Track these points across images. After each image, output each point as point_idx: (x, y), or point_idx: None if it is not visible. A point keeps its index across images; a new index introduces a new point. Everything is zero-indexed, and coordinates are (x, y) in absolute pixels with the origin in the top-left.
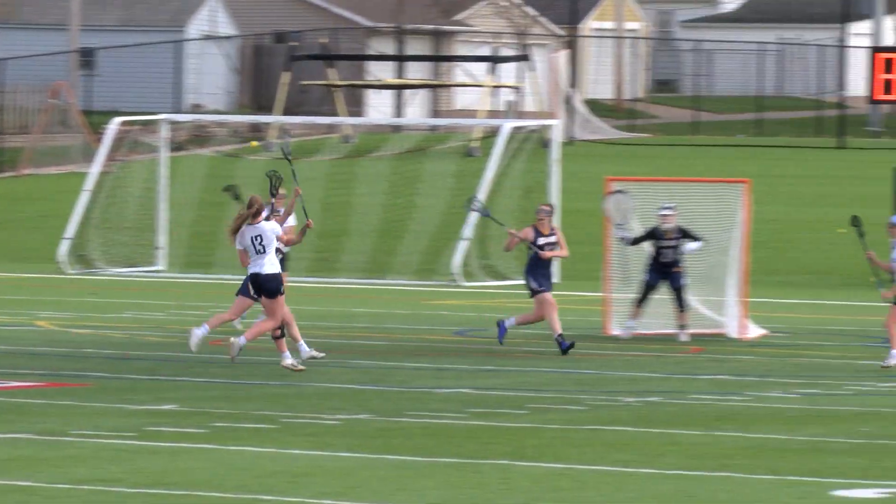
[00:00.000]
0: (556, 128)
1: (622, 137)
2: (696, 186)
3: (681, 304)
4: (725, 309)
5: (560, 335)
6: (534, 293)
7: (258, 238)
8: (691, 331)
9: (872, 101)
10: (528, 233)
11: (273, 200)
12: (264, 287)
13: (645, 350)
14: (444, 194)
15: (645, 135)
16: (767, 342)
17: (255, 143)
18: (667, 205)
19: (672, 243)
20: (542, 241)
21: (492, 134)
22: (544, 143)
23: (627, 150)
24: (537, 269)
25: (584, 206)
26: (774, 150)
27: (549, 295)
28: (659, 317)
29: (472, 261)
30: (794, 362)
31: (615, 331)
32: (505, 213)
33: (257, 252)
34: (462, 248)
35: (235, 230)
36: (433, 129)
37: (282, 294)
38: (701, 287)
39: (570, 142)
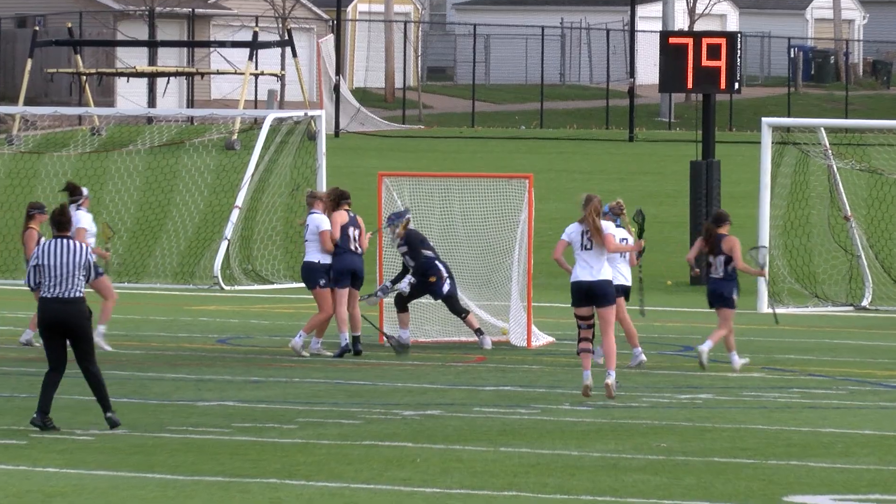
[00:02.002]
0: (323, 119)
1: (394, 129)
2: (473, 182)
3: (456, 312)
4: (509, 315)
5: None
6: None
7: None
8: (469, 338)
9: (663, 91)
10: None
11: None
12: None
13: (424, 359)
14: (203, 191)
15: (418, 126)
16: (555, 350)
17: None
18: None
19: (403, 249)
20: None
21: (253, 126)
22: (311, 136)
23: (400, 143)
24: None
25: (356, 204)
26: (559, 143)
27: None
28: (440, 322)
29: (233, 263)
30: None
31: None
32: (270, 212)
33: None
34: (223, 249)
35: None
36: (189, 120)
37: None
38: (481, 291)
39: (338, 134)
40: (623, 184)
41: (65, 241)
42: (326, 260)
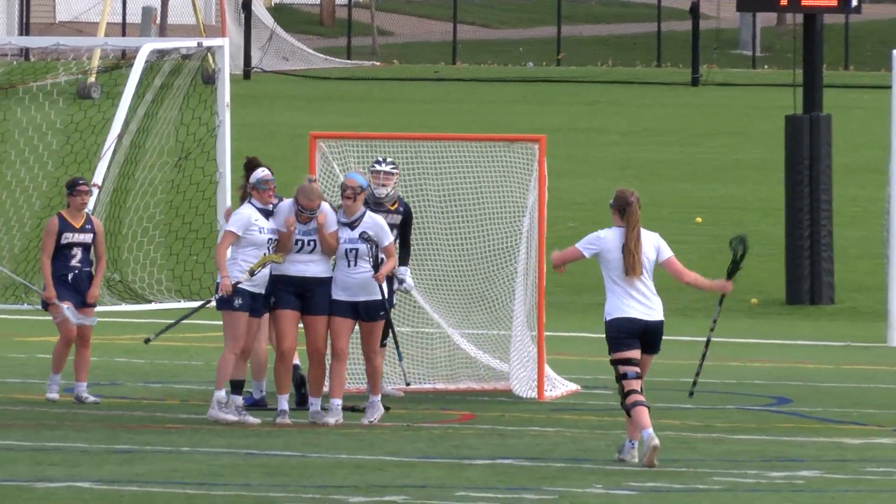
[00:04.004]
0: (226, 51)
1: (334, 67)
2: (455, 148)
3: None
4: (510, 350)
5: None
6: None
7: None
8: (443, 384)
9: (743, 9)
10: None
11: None
12: None
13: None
14: (44, 161)
15: (371, 63)
16: (580, 404)
17: None
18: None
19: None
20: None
21: (120, 62)
22: (207, 77)
23: (343, 89)
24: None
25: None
26: (585, 89)
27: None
28: (431, 363)
29: None
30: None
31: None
32: (147, 195)
33: None
34: None
35: None
36: (23, 54)
37: None
38: (468, 315)
39: (248, 74)
40: (682, 150)
41: None
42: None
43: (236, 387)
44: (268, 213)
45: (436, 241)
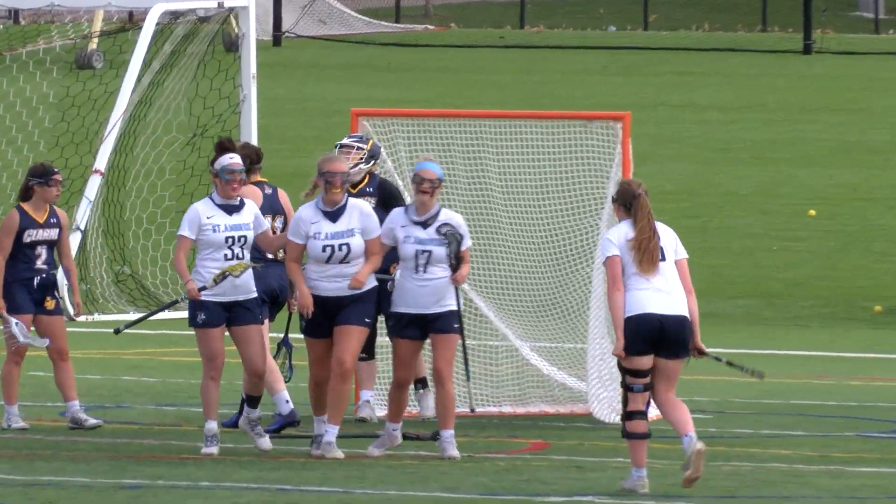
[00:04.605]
0: (251, 13)
1: (379, 32)
2: (523, 127)
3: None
4: (587, 366)
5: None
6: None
7: None
8: (510, 407)
9: None
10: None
11: None
12: None
13: (427, 447)
14: (35, 141)
15: (423, 27)
16: (673, 430)
17: None
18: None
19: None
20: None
21: (126, 26)
22: (229, 44)
23: (389, 57)
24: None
25: (304, 166)
26: (678, 58)
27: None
28: (500, 382)
29: (93, 271)
30: (731, 471)
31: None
32: (153, 173)
33: None
34: (72, 246)
35: None
36: (12, 16)
37: None
38: (538, 325)
39: (278, 41)
40: (792, 129)
41: None
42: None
43: (252, 402)
44: (231, 209)
45: (499, 237)
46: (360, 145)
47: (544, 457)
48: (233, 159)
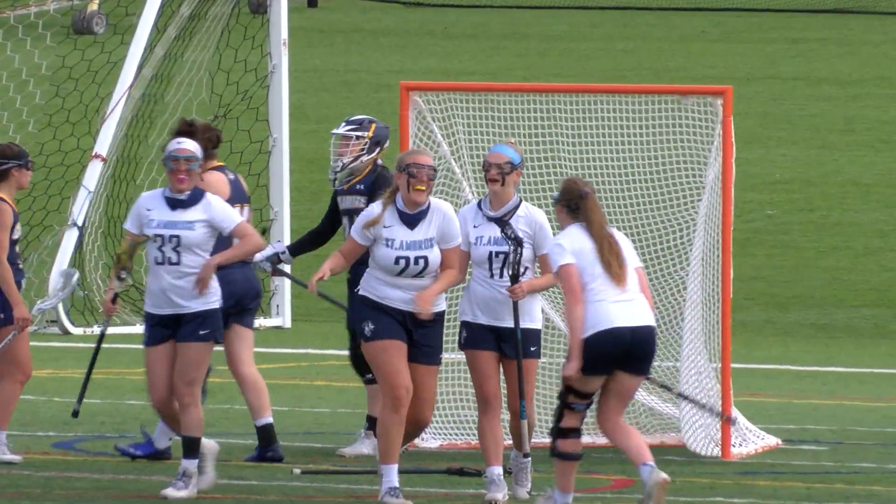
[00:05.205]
0: None
1: None
2: (605, 104)
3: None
4: (682, 390)
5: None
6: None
7: None
8: (588, 437)
9: None
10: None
11: None
12: None
13: (457, 485)
14: (25, 119)
15: None
16: (782, 465)
17: None
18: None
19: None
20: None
21: None
22: (255, 6)
23: (450, 20)
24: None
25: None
26: (791, 22)
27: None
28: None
29: (91, 274)
30: None
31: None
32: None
33: None
34: (67, 242)
35: None
36: None
37: None
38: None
39: (315, 2)
40: None
41: None
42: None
43: (187, 446)
44: (175, 203)
45: None
46: (360, 133)
47: (628, 495)
48: (180, 144)
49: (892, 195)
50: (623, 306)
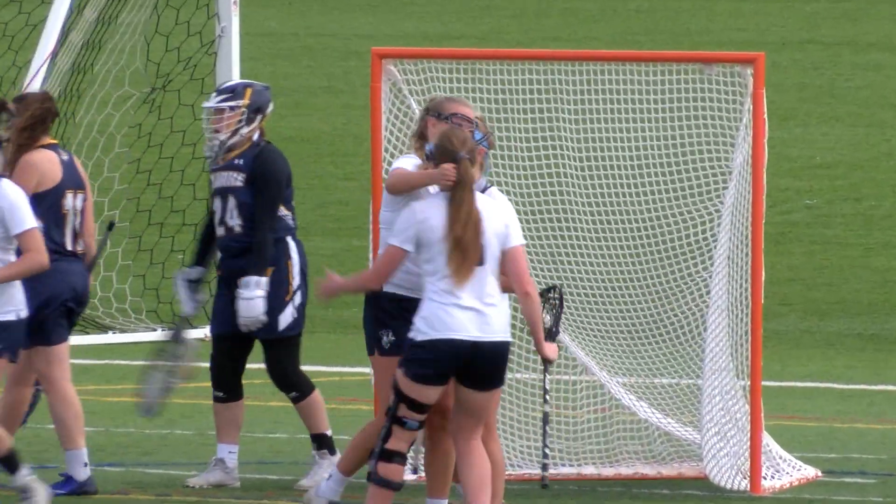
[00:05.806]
0: None
1: None
2: (610, 74)
3: (286, 384)
4: (704, 412)
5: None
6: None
7: None
8: (594, 468)
9: None
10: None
11: None
12: None
13: None
14: None
15: None
16: (823, 500)
17: None
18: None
19: (230, 178)
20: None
21: None
22: None
23: None
24: None
25: (308, 128)
26: None
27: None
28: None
29: None
30: None
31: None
32: (99, 146)
33: None
34: None
35: None
36: None
37: None
38: (635, 356)
39: None
40: None
41: None
42: None
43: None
44: None
45: (576, 229)
46: (234, 103)
47: None
48: None
49: None
50: (468, 315)
